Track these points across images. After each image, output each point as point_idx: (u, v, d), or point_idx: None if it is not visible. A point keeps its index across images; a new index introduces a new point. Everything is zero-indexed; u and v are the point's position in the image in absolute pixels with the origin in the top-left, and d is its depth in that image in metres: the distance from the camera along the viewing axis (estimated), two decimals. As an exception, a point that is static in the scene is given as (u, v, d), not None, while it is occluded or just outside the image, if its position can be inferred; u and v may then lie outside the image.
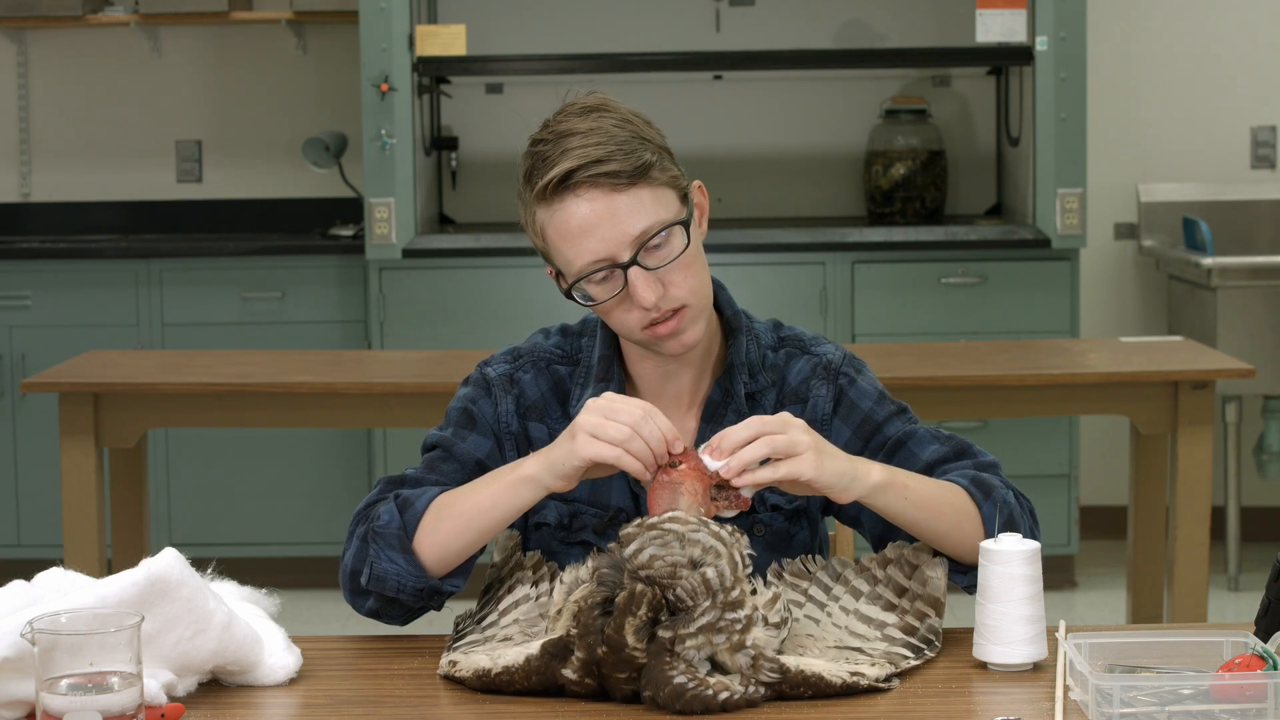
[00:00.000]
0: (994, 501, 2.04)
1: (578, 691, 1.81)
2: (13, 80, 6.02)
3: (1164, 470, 4.28)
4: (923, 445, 2.12)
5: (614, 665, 1.77)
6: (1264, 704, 1.71)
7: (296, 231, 5.90)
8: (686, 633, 1.77)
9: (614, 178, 2.03)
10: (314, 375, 4.09)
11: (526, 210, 2.11)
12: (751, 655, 1.79)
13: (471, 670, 1.87)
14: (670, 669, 1.76)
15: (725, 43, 5.79)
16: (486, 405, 2.17)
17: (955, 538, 2.03)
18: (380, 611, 2.06)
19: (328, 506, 5.47)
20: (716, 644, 1.78)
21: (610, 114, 2.08)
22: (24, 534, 5.54)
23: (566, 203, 2.05)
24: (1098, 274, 5.89)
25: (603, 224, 2.03)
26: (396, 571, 2.01)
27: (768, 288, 5.29)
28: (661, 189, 2.06)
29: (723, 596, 1.78)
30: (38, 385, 4.06)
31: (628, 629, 1.76)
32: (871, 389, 2.17)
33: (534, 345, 2.21)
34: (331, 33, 5.94)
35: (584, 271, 2.05)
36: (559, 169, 2.03)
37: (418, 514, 2.02)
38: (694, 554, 1.80)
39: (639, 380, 2.18)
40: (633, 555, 1.79)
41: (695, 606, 1.78)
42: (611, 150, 2.03)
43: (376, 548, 2.02)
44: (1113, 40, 5.84)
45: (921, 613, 1.97)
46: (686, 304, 2.07)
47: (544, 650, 1.82)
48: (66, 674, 1.68)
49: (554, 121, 2.10)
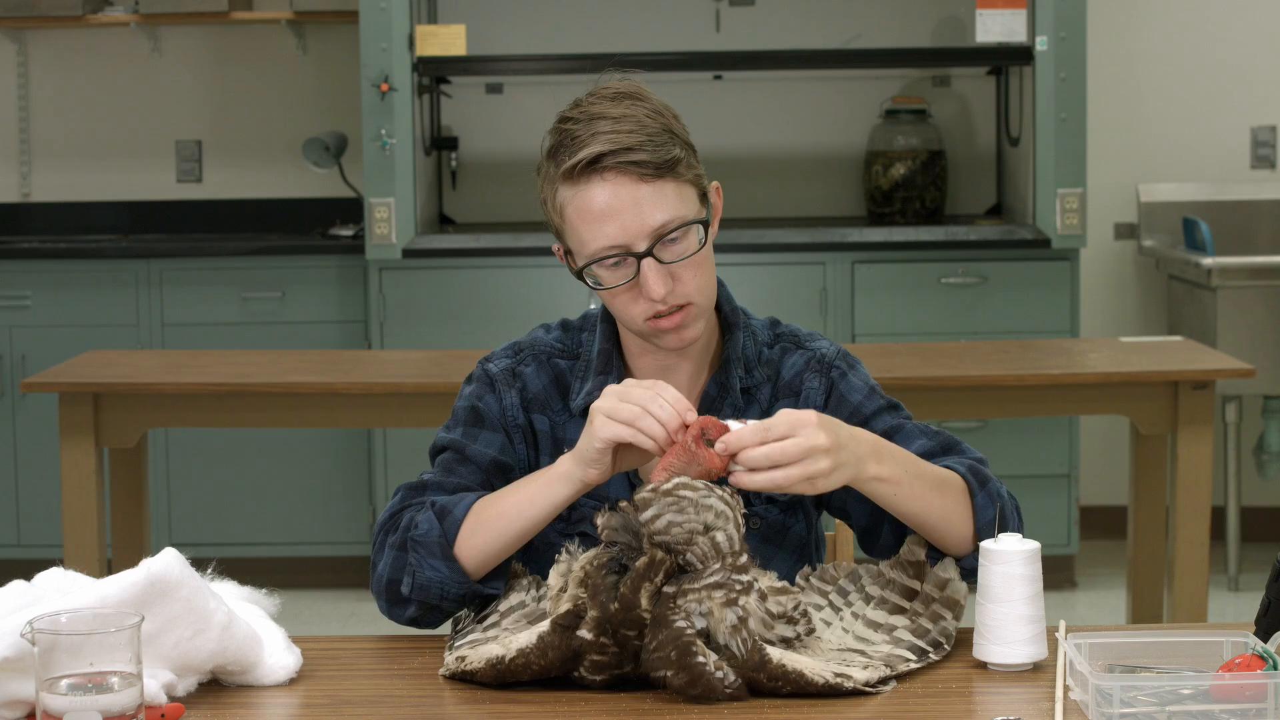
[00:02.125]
0: (990, 494, 2.05)
1: (595, 656, 1.81)
2: (13, 80, 6.02)
3: (1164, 470, 4.28)
4: (909, 440, 2.13)
5: (624, 623, 1.80)
6: (1264, 704, 1.71)
7: (296, 231, 5.90)
8: (691, 588, 1.80)
9: (642, 167, 2.04)
10: (314, 375, 4.09)
11: (547, 185, 2.11)
12: (739, 615, 1.80)
13: (484, 660, 1.87)
14: (672, 613, 1.79)
15: (725, 43, 5.79)
16: (492, 400, 2.18)
17: (945, 529, 2.04)
18: (420, 619, 2.08)
19: (328, 506, 5.47)
20: (714, 598, 1.80)
21: (643, 103, 2.09)
22: (24, 534, 5.54)
23: (592, 184, 2.05)
24: (1098, 274, 5.89)
25: (625, 211, 2.05)
26: (440, 579, 2.02)
27: (768, 288, 5.29)
28: (685, 185, 2.09)
29: (731, 560, 1.83)
30: (38, 385, 4.06)
31: (643, 593, 1.80)
32: (862, 384, 2.19)
33: (535, 339, 2.23)
34: (331, 33, 5.94)
35: (597, 255, 2.07)
36: (590, 150, 2.04)
37: (457, 521, 2.03)
38: (707, 519, 1.83)
39: (638, 374, 2.19)
40: (650, 520, 1.82)
41: (705, 569, 1.82)
42: (643, 140, 2.05)
43: (418, 556, 2.03)
44: (1113, 40, 5.84)
45: (937, 614, 1.97)
46: (692, 301, 2.09)
47: (555, 625, 1.83)
48: (66, 674, 1.68)
49: (586, 102, 2.10)
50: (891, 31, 5.80)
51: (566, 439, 2.18)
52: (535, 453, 2.19)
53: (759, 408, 2.18)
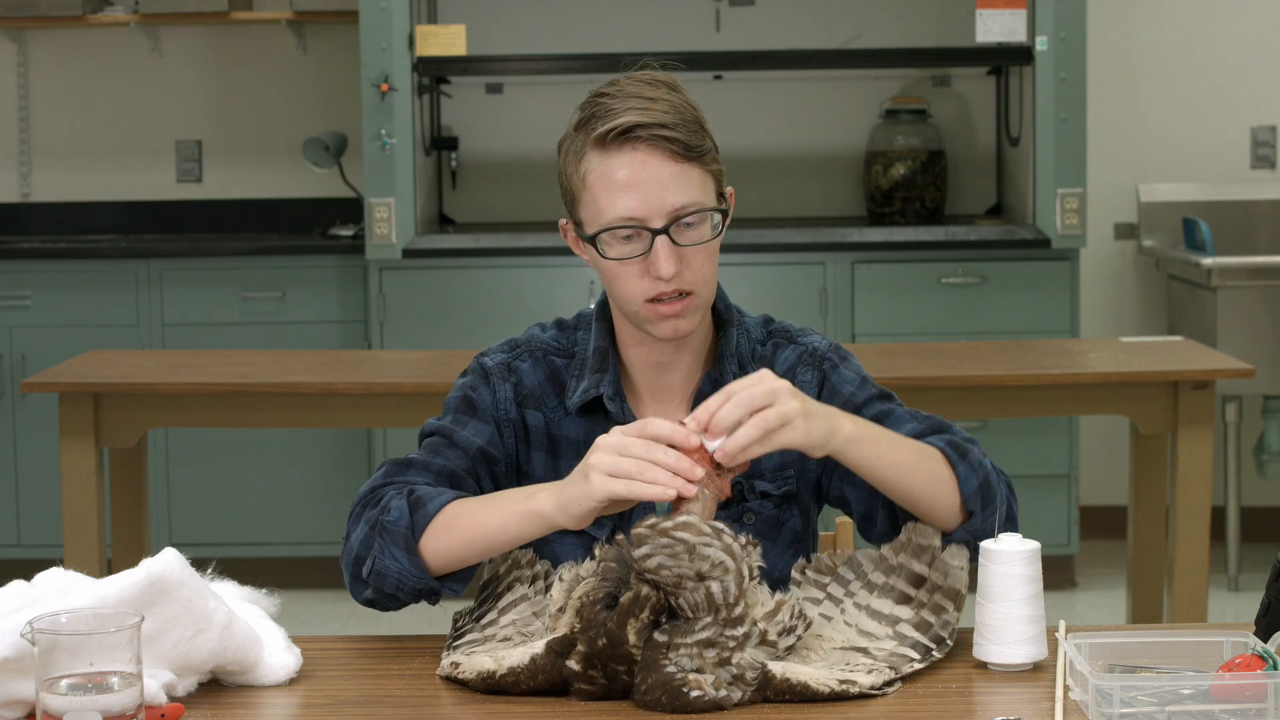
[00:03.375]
0: (970, 464, 2.05)
1: (583, 686, 1.81)
2: (13, 80, 6.02)
3: (1164, 470, 4.28)
4: (899, 424, 2.15)
5: (612, 658, 1.79)
6: (1264, 704, 1.71)
7: (296, 231, 5.90)
8: (682, 642, 1.78)
9: (673, 144, 2.07)
10: (314, 375, 4.09)
11: (574, 154, 2.11)
12: (733, 673, 1.79)
13: (475, 672, 1.87)
14: (663, 659, 1.77)
15: (725, 43, 5.79)
16: (485, 393, 2.19)
17: (929, 499, 2.04)
18: (375, 603, 2.07)
19: (328, 506, 5.47)
20: (707, 657, 1.78)
21: (679, 93, 2.13)
22: (24, 534, 5.54)
23: (623, 153, 2.07)
24: (1098, 274, 5.89)
25: (649, 184, 2.06)
26: (399, 570, 2.01)
27: (768, 288, 5.29)
28: (708, 176, 2.11)
29: (724, 614, 1.79)
30: (38, 385, 4.06)
31: (629, 629, 1.78)
32: (854, 375, 2.21)
33: (531, 336, 2.24)
34: (331, 33, 5.94)
35: (612, 224, 2.07)
36: (626, 119, 2.06)
37: (428, 516, 2.02)
38: (702, 568, 1.79)
39: (633, 372, 2.20)
40: (641, 559, 1.79)
41: (696, 620, 1.79)
42: (677, 121, 2.08)
43: (382, 543, 2.02)
44: (1113, 40, 5.84)
45: (939, 606, 1.96)
46: (695, 292, 2.10)
47: (549, 649, 1.82)
48: (66, 674, 1.68)
49: (622, 82, 2.12)
50: (891, 31, 5.80)
51: (563, 435, 2.18)
52: (526, 447, 2.19)
53: None
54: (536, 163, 5.87)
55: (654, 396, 2.20)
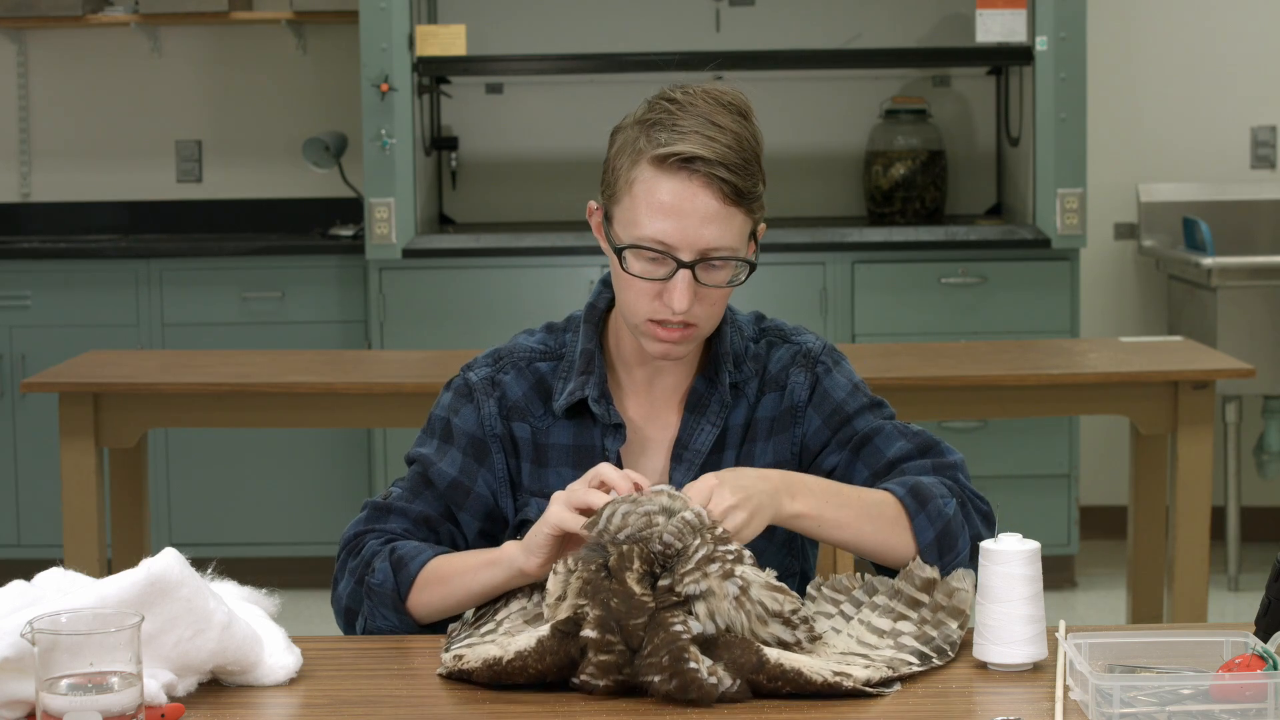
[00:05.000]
0: (929, 514, 2.08)
1: (602, 656, 1.80)
2: (13, 80, 6.02)
3: (1164, 470, 4.28)
4: (889, 442, 2.15)
5: (627, 614, 1.79)
6: (1264, 704, 1.71)
7: (296, 231, 5.90)
8: (685, 569, 1.81)
9: (725, 185, 2.05)
10: (314, 375, 4.09)
11: (628, 151, 2.09)
12: (739, 585, 1.81)
13: (481, 660, 1.87)
14: (672, 618, 1.79)
15: (725, 43, 5.79)
16: (469, 412, 2.20)
17: (883, 554, 2.09)
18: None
19: (328, 506, 5.47)
20: (710, 573, 1.81)
21: (748, 123, 2.11)
22: (24, 534, 5.54)
23: (676, 178, 2.06)
24: (1098, 274, 5.89)
25: (690, 217, 2.06)
26: (390, 627, 2.12)
27: (768, 288, 5.29)
28: (749, 221, 2.12)
29: (710, 533, 1.84)
30: (38, 385, 4.06)
31: (629, 580, 1.80)
32: (846, 381, 2.22)
33: (515, 346, 2.25)
34: (331, 33, 5.94)
35: (643, 241, 2.07)
36: (688, 148, 2.04)
37: (410, 576, 2.10)
38: (661, 502, 1.87)
39: (625, 371, 2.21)
40: (606, 522, 1.85)
41: (687, 546, 1.83)
42: (738, 163, 2.06)
43: (371, 605, 2.12)
44: (1113, 40, 5.84)
45: (942, 622, 1.97)
46: (698, 326, 2.11)
47: (555, 630, 1.83)
48: (66, 674, 1.68)
49: (697, 92, 2.10)
50: (891, 31, 5.80)
51: (550, 444, 2.19)
52: (517, 460, 2.20)
53: (746, 403, 2.21)
54: (536, 163, 5.87)
55: (646, 396, 2.21)
